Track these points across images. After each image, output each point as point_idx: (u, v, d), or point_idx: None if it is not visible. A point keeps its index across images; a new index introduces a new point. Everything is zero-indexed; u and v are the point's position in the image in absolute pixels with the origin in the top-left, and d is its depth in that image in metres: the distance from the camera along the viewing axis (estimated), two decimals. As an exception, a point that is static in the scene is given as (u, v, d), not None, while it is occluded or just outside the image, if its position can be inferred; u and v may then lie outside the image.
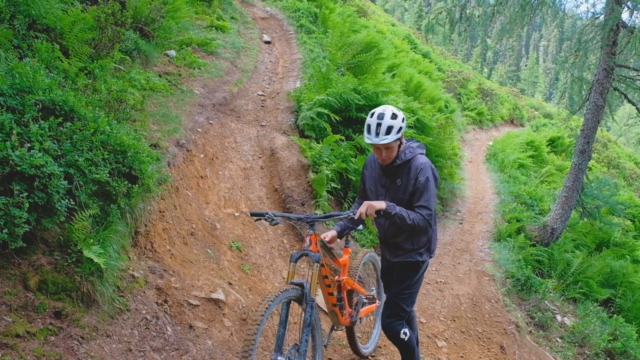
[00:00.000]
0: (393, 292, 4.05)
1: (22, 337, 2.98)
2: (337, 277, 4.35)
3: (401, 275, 4.03)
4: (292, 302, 3.50)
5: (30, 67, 3.73)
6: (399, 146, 3.80)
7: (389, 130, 3.62)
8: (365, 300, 4.68)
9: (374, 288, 4.91)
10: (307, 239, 3.72)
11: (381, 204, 3.63)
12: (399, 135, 3.67)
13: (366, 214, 3.63)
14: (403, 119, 3.69)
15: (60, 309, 3.27)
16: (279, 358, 3.28)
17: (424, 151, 3.98)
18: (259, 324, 3.09)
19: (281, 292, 3.33)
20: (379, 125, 3.63)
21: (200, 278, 4.69)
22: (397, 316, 3.98)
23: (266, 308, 3.15)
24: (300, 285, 3.52)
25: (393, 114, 3.66)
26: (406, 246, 3.95)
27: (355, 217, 3.68)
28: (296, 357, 3.39)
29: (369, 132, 3.70)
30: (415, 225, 3.68)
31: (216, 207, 6.00)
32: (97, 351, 3.28)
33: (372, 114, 3.71)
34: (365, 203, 3.65)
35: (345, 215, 3.78)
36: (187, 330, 4.07)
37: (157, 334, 3.79)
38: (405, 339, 3.99)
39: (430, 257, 4.07)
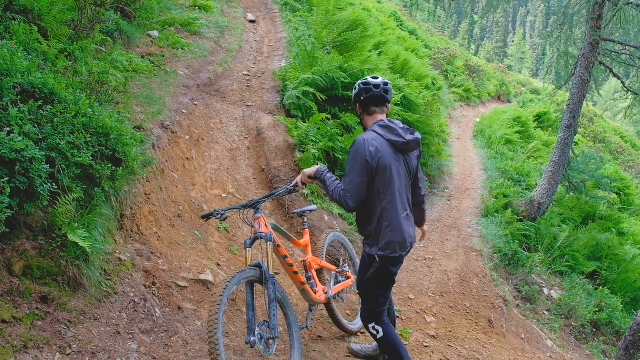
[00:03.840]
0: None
1: (8, 322, 2.97)
2: (301, 258, 4.40)
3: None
4: (255, 283, 3.56)
5: (7, 50, 3.66)
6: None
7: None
8: (338, 277, 4.70)
9: (347, 265, 4.94)
10: (256, 223, 3.77)
11: (311, 171, 3.75)
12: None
13: (302, 182, 3.81)
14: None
15: (47, 293, 3.26)
16: (251, 339, 3.30)
17: (377, 129, 3.62)
18: (218, 304, 3.14)
19: (237, 272, 3.41)
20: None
21: (188, 260, 4.69)
22: (363, 310, 3.92)
23: (224, 289, 3.23)
24: (258, 265, 3.58)
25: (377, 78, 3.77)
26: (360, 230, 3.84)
27: (291, 187, 3.86)
28: (268, 333, 3.43)
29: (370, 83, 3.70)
30: (330, 195, 3.60)
31: (203, 189, 5.97)
32: (85, 335, 3.28)
33: (363, 81, 3.74)
34: (302, 172, 3.81)
35: (285, 190, 3.90)
36: (176, 311, 4.08)
37: (146, 316, 3.79)
38: (377, 336, 3.80)
39: (380, 253, 3.59)
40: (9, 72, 3.51)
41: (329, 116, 7.69)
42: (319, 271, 4.56)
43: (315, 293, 4.27)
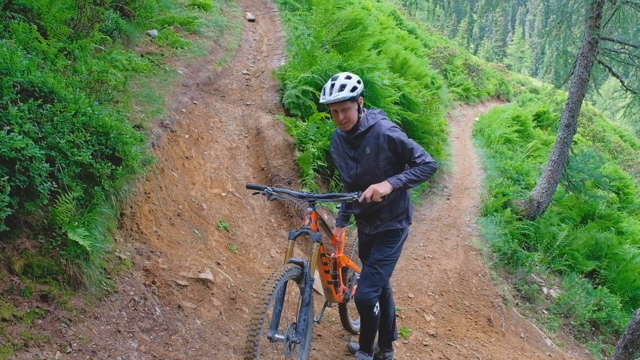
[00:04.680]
0: (372, 261, 3.89)
1: (9, 320, 2.97)
2: (332, 254, 4.31)
3: (381, 244, 3.92)
4: (290, 280, 3.47)
5: (7, 49, 3.65)
6: (359, 112, 3.68)
7: (342, 87, 3.53)
8: (358, 277, 4.70)
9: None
10: (307, 218, 3.65)
11: (386, 189, 3.52)
12: (354, 94, 3.55)
13: (371, 199, 3.51)
14: (359, 80, 3.62)
15: (47, 292, 3.26)
16: (276, 335, 3.26)
17: (386, 117, 3.86)
18: (266, 303, 3.05)
19: (286, 271, 3.30)
20: (332, 86, 3.56)
21: (188, 258, 4.69)
22: (374, 286, 3.84)
23: (274, 287, 3.12)
24: (300, 264, 3.48)
25: (347, 75, 3.61)
26: (384, 215, 3.86)
27: (360, 201, 3.52)
28: (294, 336, 3.37)
29: (323, 93, 3.61)
30: (426, 176, 3.61)
31: (202, 188, 5.97)
32: (86, 333, 3.28)
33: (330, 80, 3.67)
34: (371, 188, 3.50)
35: (350, 197, 3.56)
36: (176, 310, 4.08)
37: (146, 314, 3.79)
38: (376, 314, 3.91)
39: (409, 223, 3.98)
40: (9, 70, 3.51)
41: (329, 115, 7.68)
42: (344, 269, 4.52)
43: (337, 293, 4.27)
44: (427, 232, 8.54)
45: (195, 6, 11.19)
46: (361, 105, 3.69)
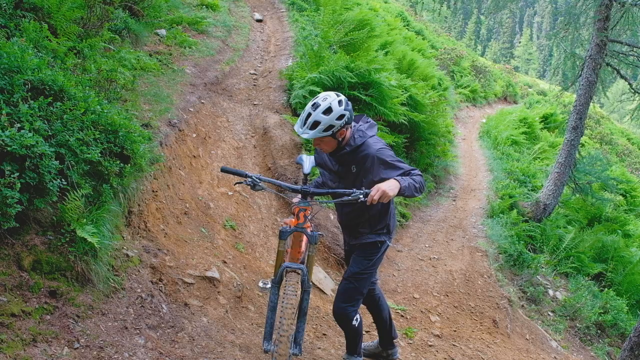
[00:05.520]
0: (348, 275, 3.71)
1: (18, 316, 3.01)
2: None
3: (360, 256, 3.75)
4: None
5: (18, 47, 3.69)
6: (347, 131, 3.35)
7: (314, 125, 3.18)
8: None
9: None
10: (302, 215, 3.29)
11: (395, 190, 3.13)
12: (328, 133, 3.20)
13: (379, 201, 3.11)
14: (341, 115, 3.18)
15: (55, 288, 3.29)
16: (271, 347, 3.08)
17: (375, 131, 3.56)
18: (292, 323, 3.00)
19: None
20: (308, 115, 3.20)
21: (194, 257, 4.72)
22: (352, 301, 3.68)
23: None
24: (299, 269, 3.22)
25: (328, 107, 3.17)
26: (363, 230, 3.69)
27: (368, 203, 3.11)
28: (295, 348, 3.14)
29: (300, 118, 3.27)
30: (421, 190, 3.27)
31: (209, 187, 6.00)
32: (93, 329, 3.31)
33: (314, 99, 3.28)
34: (380, 189, 3.07)
35: (355, 196, 3.14)
36: (183, 308, 4.10)
37: (153, 312, 3.82)
38: (356, 325, 3.77)
39: (390, 237, 3.78)
40: (20, 69, 3.55)
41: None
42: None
43: None
44: (433, 233, 8.54)
45: (204, 6, 11.24)
46: (348, 126, 3.34)
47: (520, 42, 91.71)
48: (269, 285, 3.64)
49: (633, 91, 9.91)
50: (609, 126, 28.87)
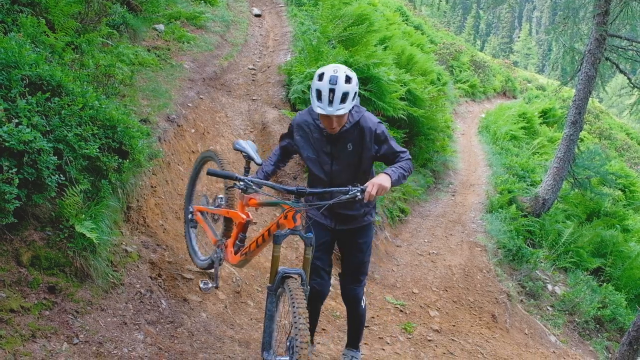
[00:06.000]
0: (357, 263, 3.65)
1: (17, 311, 3.00)
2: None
3: (361, 242, 3.64)
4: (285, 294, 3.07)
5: (15, 42, 3.67)
6: None
7: (344, 97, 3.01)
8: None
9: None
10: (298, 217, 3.14)
11: (388, 184, 3.08)
12: (355, 101, 3.14)
13: (376, 196, 3.04)
14: (356, 82, 3.11)
15: (54, 283, 3.29)
16: (269, 357, 3.01)
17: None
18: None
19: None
20: (331, 91, 2.99)
21: (193, 252, 4.71)
22: (359, 282, 3.69)
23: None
24: (298, 275, 3.08)
25: (347, 76, 3.04)
26: (355, 212, 3.53)
27: (365, 200, 3.04)
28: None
29: (319, 99, 3.04)
30: (408, 174, 3.27)
31: (208, 182, 5.99)
32: (92, 325, 3.31)
33: (321, 76, 3.07)
34: (375, 183, 3.03)
35: (352, 194, 3.03)
36: (182, 303, 4.10)
37: (152, 307, 3.82)
38: (364, 306, 3.79)
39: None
40: (17, 64, 3.53)
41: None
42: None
43: (236, 254, 3.89)
44: (432, 228, 8.54)
45: (202, 1, 11.19)
46: None
47: (519, 37, 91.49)
48: (209, 285, 3.77)
49: (632, 86, 9.91)
50: (608, 121, 28.87)
